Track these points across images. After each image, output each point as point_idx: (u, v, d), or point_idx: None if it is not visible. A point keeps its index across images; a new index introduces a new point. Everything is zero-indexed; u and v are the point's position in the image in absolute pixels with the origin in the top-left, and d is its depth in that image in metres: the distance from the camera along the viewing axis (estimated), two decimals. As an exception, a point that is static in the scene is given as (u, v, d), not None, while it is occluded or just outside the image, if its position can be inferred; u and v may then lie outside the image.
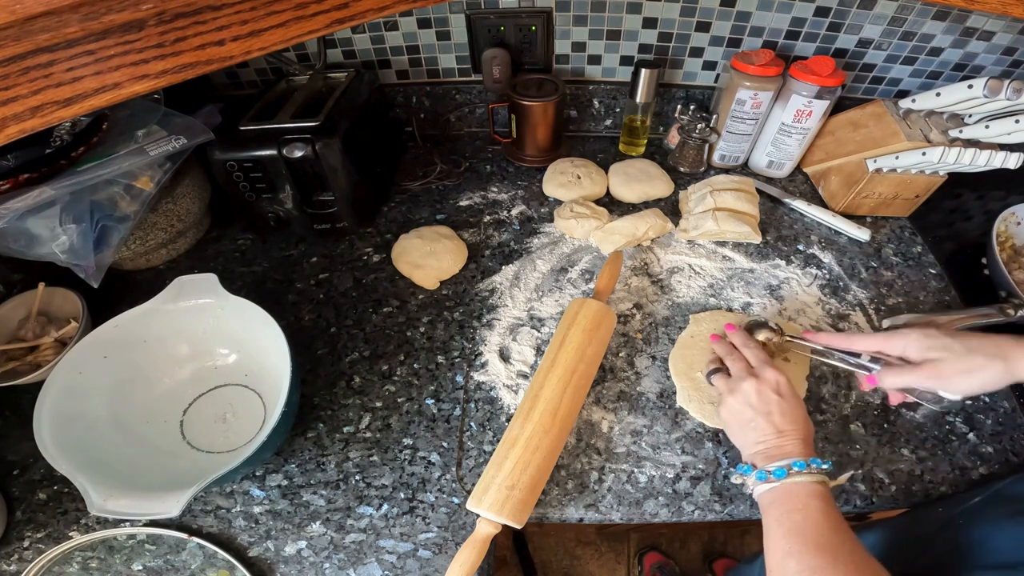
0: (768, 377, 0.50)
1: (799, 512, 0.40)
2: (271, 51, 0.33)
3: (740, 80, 0.75)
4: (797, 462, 0.43)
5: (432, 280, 0.69)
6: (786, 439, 0.45)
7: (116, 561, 0.49)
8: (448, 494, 0.52)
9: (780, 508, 0.42)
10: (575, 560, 1.22)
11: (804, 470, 0.42)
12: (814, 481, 0.42)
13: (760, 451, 0.46)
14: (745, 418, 0.49)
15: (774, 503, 0.42)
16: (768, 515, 0.42)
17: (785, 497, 0.42)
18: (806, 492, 0.41)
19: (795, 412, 0.47)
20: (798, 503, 0.41)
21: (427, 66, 0.87)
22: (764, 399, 0.48)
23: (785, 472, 0.43)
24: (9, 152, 0.52)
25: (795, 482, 0.42)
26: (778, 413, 0.47)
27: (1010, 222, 0.73)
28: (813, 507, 0.40)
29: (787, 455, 0.44)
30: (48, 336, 0.60)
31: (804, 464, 0.43)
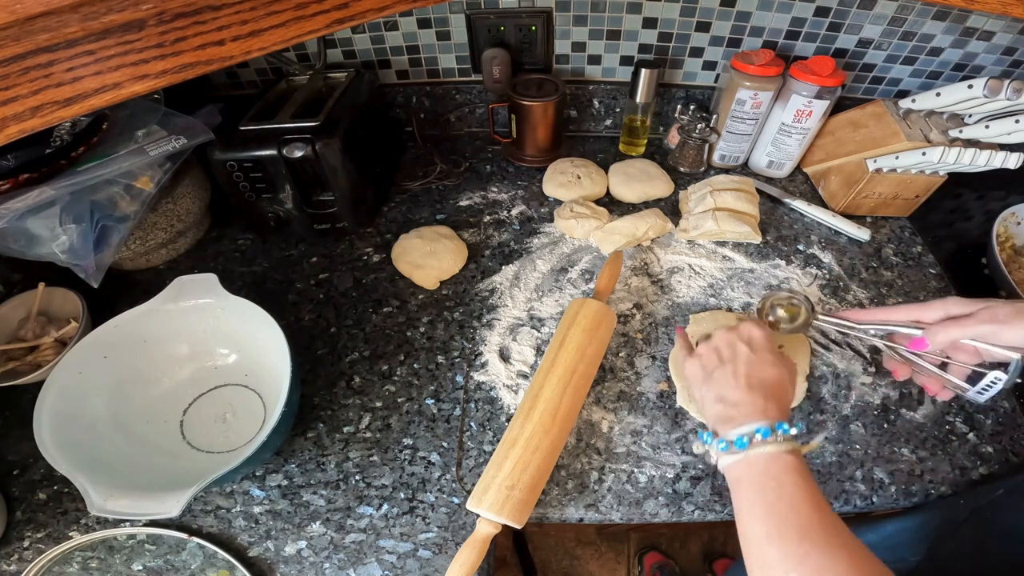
0: (743, 329, 0.45)
1: (772, 491, 0.35)
2: (271, 51, 0.33)
3: (740, 80, 0.75)
4: (760, 428, 0.37)
5: (432, 280, 0.69)
6: (748, 396, 0.40)
7: (116, 561, 0.49)
8: (448, 494, 0.52)
9: (750, 486, 0.37)
10: (575, 560, 1.22)
11: (769, 438, 0.37)
12: (784, 451, 0.37)
13: (719, 413, 0.41)
14: (708, 367, 0.44)
15: (742, 479, 0.37)
16: (737, 493, 0.37)
17: (754, 472, 0.37)
18: (778, 466, 0.36)
19: (765, 368, 0.42)
20: (770, 479, 0.36)
21: (427, 66, 0.87)
22: (732, 349, 0.43)
23: (746, 442, 0.37)
24: (9, 152, 0.52)
25: (761, 453, 0.37)
26: (744, 364, 0.42)
27: (1010, 222, 0.73)
28: (788, 483, 0.35)
29: (748, 417, 0.39)
30: (48, 336, 0.60)
31: (768, 431, 0.37)
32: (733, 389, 0.41)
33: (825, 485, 0.52)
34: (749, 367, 0.42)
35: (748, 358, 0.43)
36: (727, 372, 0.43)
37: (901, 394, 0.58)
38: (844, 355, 0.62)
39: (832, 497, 0.51)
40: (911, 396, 0.58)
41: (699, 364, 0.46)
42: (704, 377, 0.45)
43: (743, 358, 0.43)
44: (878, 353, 0.62)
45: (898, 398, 0.58)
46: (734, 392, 0.41)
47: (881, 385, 0.59)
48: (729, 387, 0.42)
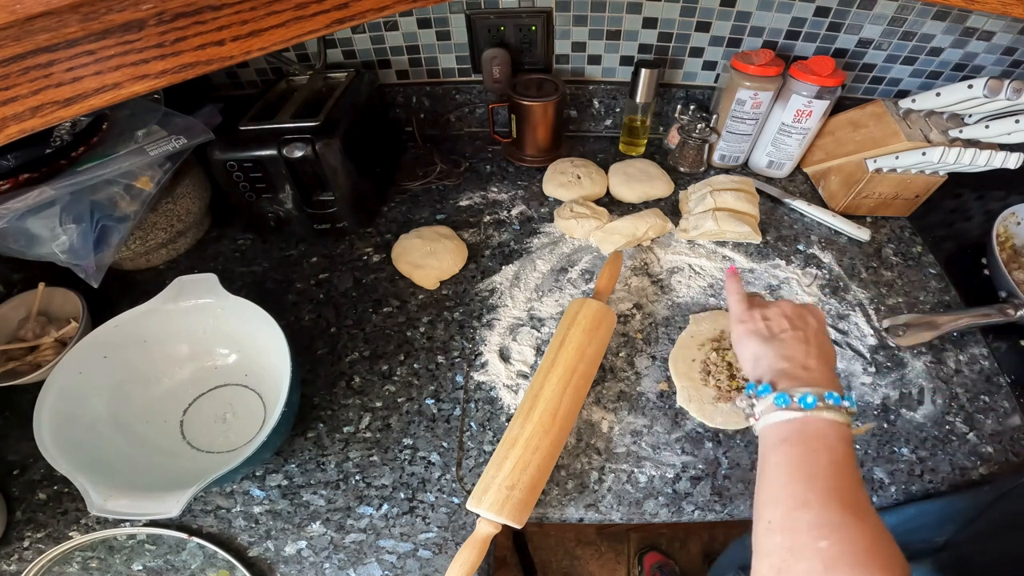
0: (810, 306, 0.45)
1: (824, 455, 0.33)
2: (271, 51, 0.33)
3: (740, 80, 0.75)
4: (831, 394, 0.36)
5: (432, 280, 0.69)
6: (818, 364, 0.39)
7: (116, 561, 0.49)
8: (448, 494, 0.52)
9: (799, 447, 0.35)
10: (575, 560, 1.22)
11: (838, 404, 0.35)
12: (844, 421, 0.35)
13: (783, 369, 0.39)
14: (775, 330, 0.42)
15: (788, 440, 0.35)
16: (777, 453, 0.35)
17: (806, 435, 0.35)
18: (836, 433, 0.34)
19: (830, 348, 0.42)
20: (822, 444, 0.34)
21: (427, 66, 0.87)
22: (803, 319, 0.43)
23: (816, 401, 0.35)
24: (9, 152, 0.52)
25: (823, 417, 0.35)
26: (814, 336, 0.41)
27: (1010, 222, 0.73)
28: (841, 451, 0.34)
29: (816, 382, 0.37)
30: (48, 336, 0.60)
31: (839, 398, 0.36)
32: (804, 354, 0.40)
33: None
34: (820, 341, 0.42)
35: (817, 331, 0.43)
36: (799, 336, 0.41)
37: (901, 394, 0.58)
38: (844, 355, 0.62)
39: (832, 497, 0.51)
40: (911, 396, 0.58)
41: (763, 324, 0.44)
42: (768, 336, 0.43)
43: (813, 330, 0.43)
44: (878, 352, 0.62)
45: (898, 398, 0.58)
46: (806, 357, 0.40)
47: (881, 385, 0.59)
48: (800, 351, 0.40)
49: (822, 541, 0.30)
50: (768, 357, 0.41)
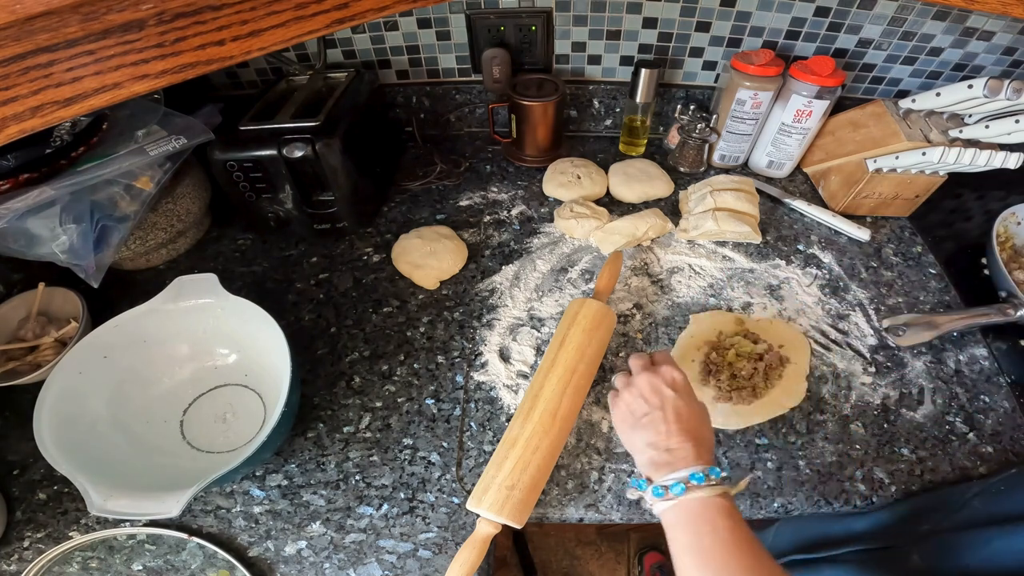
0: (663, 371, 0.46)
1: (708, 536, 0.37)
2: (271, 51, 0.33)
3: (740, 80, 0.75)
4: (694, 474, 0.38)
5: (432, 280, 0.69)
6: (678, 442, 0.41)
7: (116, 561, 0.49)
8: (448, 494, 0.52)
9: (686, 531, 0.38)
10: (575, 560, 1.22)
11: (703, 483, 0.38)
12: (717, 494, 0.38)
13: (650, 458, 0.42)
14: (637, 413, 0.44)
15: (678, 525, 0.38)
16: (674, 540, 0.38)
17: (689, 518, 0.38)
18: (712, 510, 0.37)
19: (690, 411, 0.43)
20: (704, 524, 0.37)
21: (427, 66, 0.87)
22: (658, 393, 0.44)
23: (683, 488, 0.38)
24: (9, 152, 0.52)
25: (696, 498, 0.38)
26: (671, 410, 0.43)
27: (1010, 222, 0.73)
28: (722, 528, 0.37)
29: (681, 462, 0.40)
30: (48, 336, 0.60)
31: (703, 477, 0.38)
32: (664, 436, 0.42)
33: (825, 485, 0.52)
34: (677, 412, 0.43)
35: (675, 403, 0.44)
36: (656, 418, 0.43)
37: (901, 394, 0.58)
38: (844, 355, 0.62)
39: (832, 497, 0.51)
40: (911, 396, 0.58)
41: (626, 409, 0.46)
42: (633, 423, 0.45)
43: (670, 402, 0.44)
44: (878, 352, 0.62)
45: (898, 398, 0.58)
46: (665, 439, 0.42)
47: (881, 385, 0.59)
48: (660, 433, 0.42)
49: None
50: (636, 450, 0.44)
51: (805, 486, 0.52)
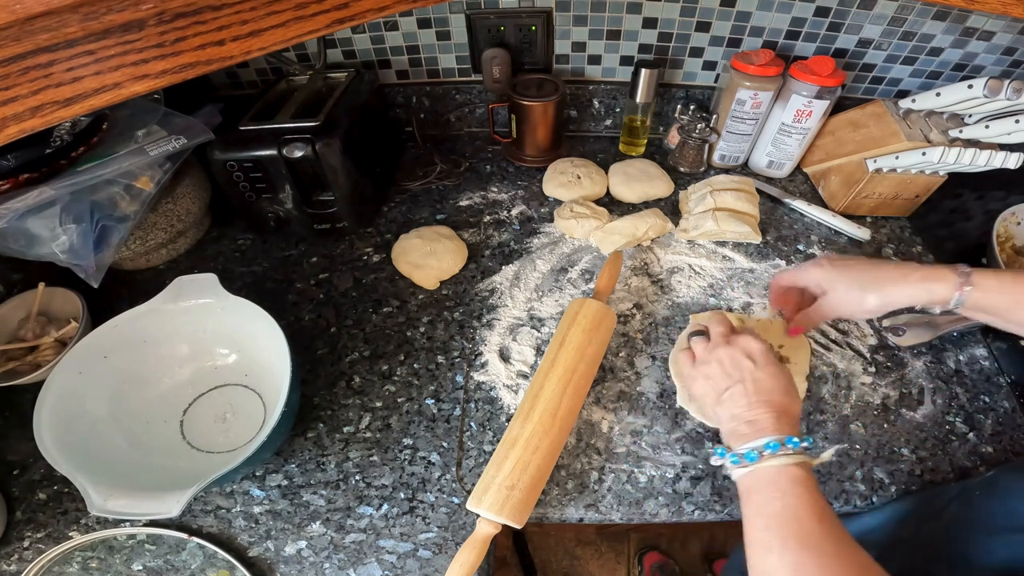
0: (742, 343, 0.46)
1: (778, 500, 0.37)
2: (271, 51, 0.33)
3: (740, 80, 0.75)
4: (770, 443, 0.39)
5: (432, 280, 0.69)
6: (759, 413, 0.42)
7: (116, 561, 0.49)
8: (448, 494, 0.52)
9: (758, 496, 0.38)
10: (575, 560, 1.22)
11: (778, 451, 0.39)
12: (792, 463, 0.38)
13: (732, 429, 0.43)
14: (719, 388, 0.45)
15: (751, 490, 0.39)
16: (747, 503, 0.39)
17: (763, 483, 0.38)
18: (785, 478, 0.38)
19: (772, 382, 0.44)
20: (776, 490, 0.38)
21: (427, 66, 0.87)
22: (737, 366, 0.45)
23: (757, 455, 0.39)
24: (9, 152, 0.52)
25: (771, 466, 0.39)
26: (751, 382, 0.44)
27: (1010, 222, 0.73)
28: (793, 494, 0.37)
29: (760, 433, 0.41)
30: (48, 336, 0.60)
31: (778, 444, 0.39)
32: (745, 408, 0.43)
33: (825, 485, 0.52)
34: (756, 384, 0.44)
35: (754, 374, 0.44)
36: (737, 391, 0.44)
37: (901, 394, 0.58)
38: (844, 355, 0.62)
39: (832, 497, 0.51)
40: (911, 396, 0.58)
41: (709, 385, 0.47)
42: (715, 398, 0.46)
43: (749, 375, 0.44)
44: (878, 352, 0.62)
45: (898, 398, 0.58)
46: (746, 411, 0.43)
47: (881, 385, 0.59)
48: (740, 406, 0.43)
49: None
50: (721, 420, 0.45)
51: (805, 486, 0.52)
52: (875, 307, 0.50)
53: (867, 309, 0.50)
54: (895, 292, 0.49)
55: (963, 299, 0.46)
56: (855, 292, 0.50)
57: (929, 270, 0.49)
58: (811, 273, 0.54)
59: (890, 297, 0.49)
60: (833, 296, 0.52)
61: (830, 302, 0.52)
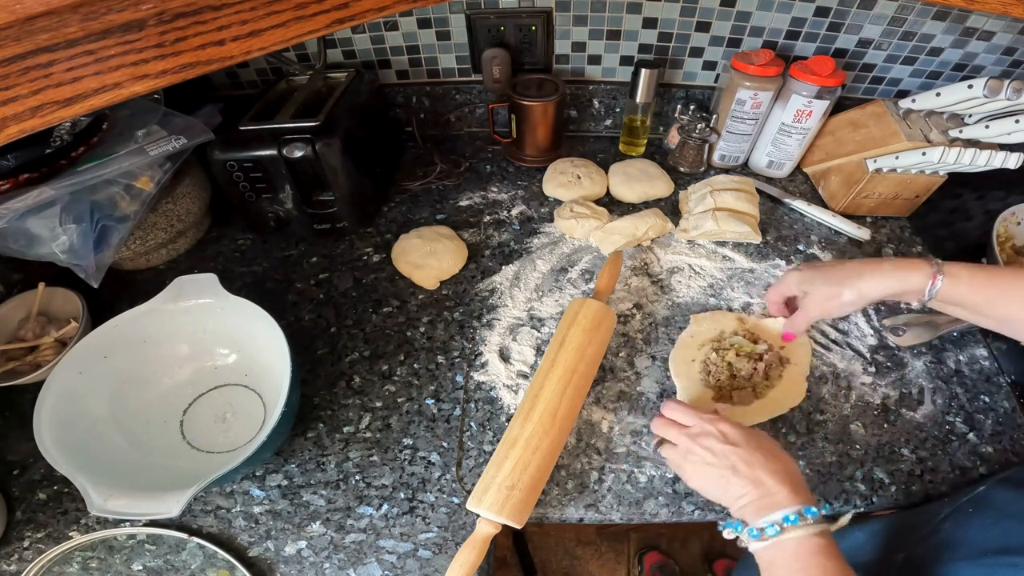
0: (709, 430, 0.46)
1: (801, 572, 0.37)
2: (271, 51, 0.33)
3: (740, 80, 0.75)
4: (787, 516, 0.39)
5: (432, 280, 0.69)
6: (770, 487, 0.41)
7: (116, 561, 0.49)
8: (448, 494, 0.52)
9: (781, 569, 0.39)
10: (575, 560, 1.22)
11: (798, 524, 0.39)
12: (812, 534, 0.38)
13: (747, 504, 0.42)
14: (713, 477, 0.45)
15: (773, 563, 0.39)
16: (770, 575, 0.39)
17: (784, 557, 0.39)
18: (807, 550, 0.38)
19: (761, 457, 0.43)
20: (798, 563, 0.38)
21: (427, 66, 0.87)
22: (718, 454, 0.44)
23: (778, 529, 0.39)
24: (9, 152, 0.52)
25: (792, 538, 0.39)
26: (743, 464, 0.43)
27: (1010, 222, 0.73)
28: (815, 566, 0.37)
29: (777, 506, 0.40)
30: (48, 336, 0.60)
31: (797, 518, 0.39)
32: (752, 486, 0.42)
33: (825, 485, 0.52)
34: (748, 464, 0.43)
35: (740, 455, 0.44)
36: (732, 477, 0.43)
37: (901, 394, 0.58)
38: (844, 355, 0.62)
39: (832, 497, 0.51)
40: (911, 396, 0.58)
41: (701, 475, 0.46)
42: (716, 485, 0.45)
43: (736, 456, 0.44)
44: (878, 352, 0.62)
45: (898, 398, 0.58)
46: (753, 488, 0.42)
47: (881, 385, 0.59)
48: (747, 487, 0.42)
49: None
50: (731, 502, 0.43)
51: (805, 486, 0.52)
52: (851, 300, 0.51)
53: (844, 303, 0.52)
54: (869, 283, 0.50)
55: (936, 289, 0.48)
56: (832, 288, 0.52)
57: (902, 261, 0.51)
58: (790, 278, 0.57)
59: (865, 289, 0.50)
60: (812, 296, 0.54)
61: (810, 302, 0.55)
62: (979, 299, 0.48)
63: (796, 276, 0.56)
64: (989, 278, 0.47)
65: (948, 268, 0.48)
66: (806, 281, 0.55)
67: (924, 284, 0.48)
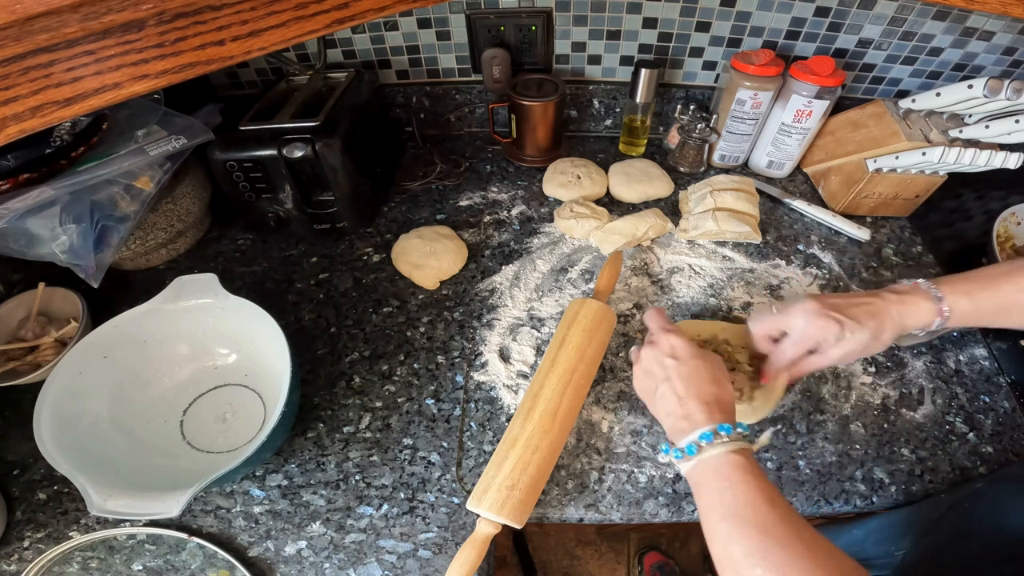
0: (661, 341, 0.47)
1: (727, 491, 0.37)
2: (271, 51, 0.33)
3: (740, 80, 0.75)
4: (704, 434, 0.39)
5: (432, 280, 0.69)
6: (691, 407, 0.42)
7: (116, 561, 0.49)
8: (448, 494, 0.52)
9: (707, 488, 0.38)
10: (575, 560, 1.22)
11: (713, 440, 0.39)
12: (732, 451, 0.38)
13: (671, 425, 0.43)
14: (649, 389, 0.47)
15: (699, 483, 0.39)
16: (699, 497, 0.39)
17: (709, 475, 0.39)
18: (729, 465, 0.38)
19: (697, 375, 0.44)
20: (723, 480, 0.37)
21: (427, 66, 0.87)
22: (661, 365, 0.45)
23: (695, 448, 0.39)
24: (9, 152, 0.52)
25: (711, 455, 0.39)
26: (677, 378, 0.44)
27: (1010, 222, 0.73)
28: (739, 481, 0.37)
29: (695, 426, 0.41)
30: (48, 336, 0.60)
31: (711, 434, 0.39)
32: (676, 404, 0.44)
33: (825, 485, 0.52)
34: (683, 380, 0.44)
35: (679, 371, 0.45)
36: (666, 390, 0.45)
37: (901, 394, 0.58)
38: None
39: (832, 497, 0.51)
40: (911, 396, 0.58)
41: (641, 385, 0.49)
42: (651, 399, 0.47)
43: (673, 371, 0.45)
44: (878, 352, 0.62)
45: (898, 398, 0.58)
46: (678, 407, 0.43)
47: (881, 385, 0.59)
48: (672, 403, 0.44)
49: (756, 569, 0.33)
50: (661, 419, 0.46)
51: (805, 486, 0.52)
52: (882, 349, 0.49)
53: (874, 352, 0.50)
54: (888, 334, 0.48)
55: (942, 324, 0.48)
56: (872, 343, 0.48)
57: (904, 299, 0.48)
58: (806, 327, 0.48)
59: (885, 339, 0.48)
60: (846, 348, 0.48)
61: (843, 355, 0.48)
62: (983, 319, 0.48)
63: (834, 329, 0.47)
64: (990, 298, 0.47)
65: (950, 299, 0.47)
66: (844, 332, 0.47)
67: (932, 319, 0.48)
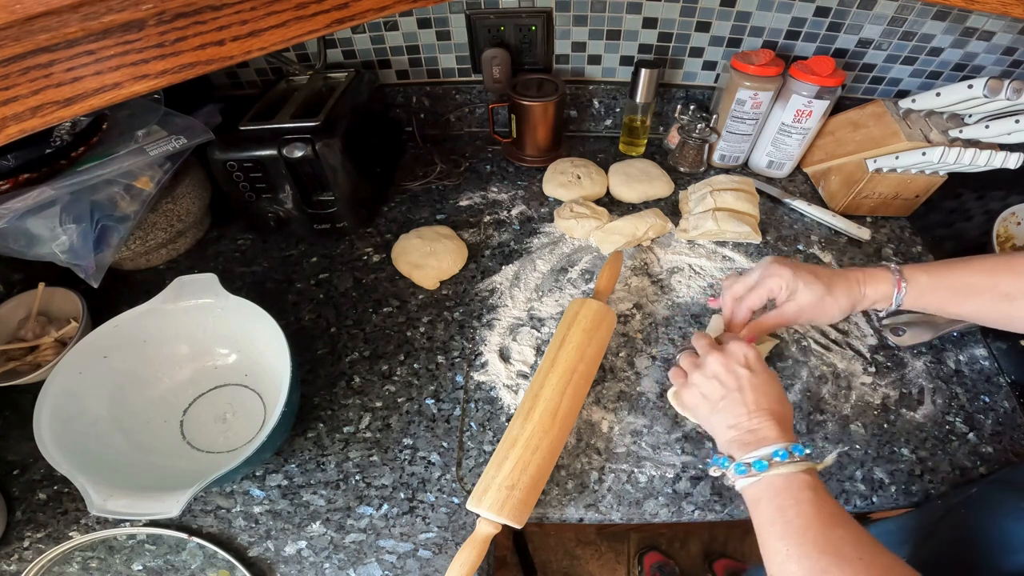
0: (734, 349, 0.45)
1: (791, 508, 0.36)
2: (271, 51, 0.33)
3: (740, 80, 0.75)
4: (778, 451, 0.39)
5: (432, 280, 0.69)
6: (760, 421, 0.41)
7: (116, 561, 0.49)
8: (448, 494, 0.52)
9: (769, 506, 0.38)
10: (575, 560, 1.22)
11: (787, 460, 0.38)
12: (800, 470, 0.38)
13: (734, 438, 0.42)
14: (714, 397, 0.44)
15: (761, 500, 0.38)
16: (757, 514, 0.39)
17: (772, 492, 0.38)
18: (796, 485, 0.37)
19: (769, 388, 0.43)
20: (788, 498, 0.37)
21: (427, 66, 0.87)
22: (733, 373, 0.44)
23: (766, 464, 0.38)
24: (9, 152, 0.52)
25: (780, 474, 0.38)
26: (750, 389, 0.43)
27: (1010, 222, 0.73)
28: (805, 501, 0.36)
29: (764, 441, 0.40)
30: (48, 336, 0.60)
31: (786, 453, 0.38)
32: (746, 416, 0.42)
33: (825, 485, 0.52)
34: (756, 392, 0.43)
35: (752, 382, 0.44)
36: (735, 400, 0.43)
37: (901, 394, 0.58)
38: (844, 355, 0.62)
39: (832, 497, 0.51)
40: (911, 396, 0.58)
41: (700, 393, 0.47)
42: (711, 407, 0.45)
43: (747, 383, 0.44)
44: (878, 352, 0.62)
45: (898, 398, 0.58)
46: (747, 419, 0.42)
47: (881, 385, 0.59)
48: (741, 415, 0.43)
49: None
50: (716, 431, 0.44)
51: (805, 486, 0.52)
52: (843, 308, 0.50)
53: (832, 316, 0.50)
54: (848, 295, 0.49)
55: (901, 297, 0.48)
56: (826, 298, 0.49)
57: (865, 273, 0.50)
58: (778, 274, 0.51)
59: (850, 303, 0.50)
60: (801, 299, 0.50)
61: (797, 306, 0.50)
62: (944, 300, 0.48)
63: (786, 274, 0.50)
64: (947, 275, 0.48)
65: (907, 271, 0.48)
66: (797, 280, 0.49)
67: (890, 290, 0.48)
